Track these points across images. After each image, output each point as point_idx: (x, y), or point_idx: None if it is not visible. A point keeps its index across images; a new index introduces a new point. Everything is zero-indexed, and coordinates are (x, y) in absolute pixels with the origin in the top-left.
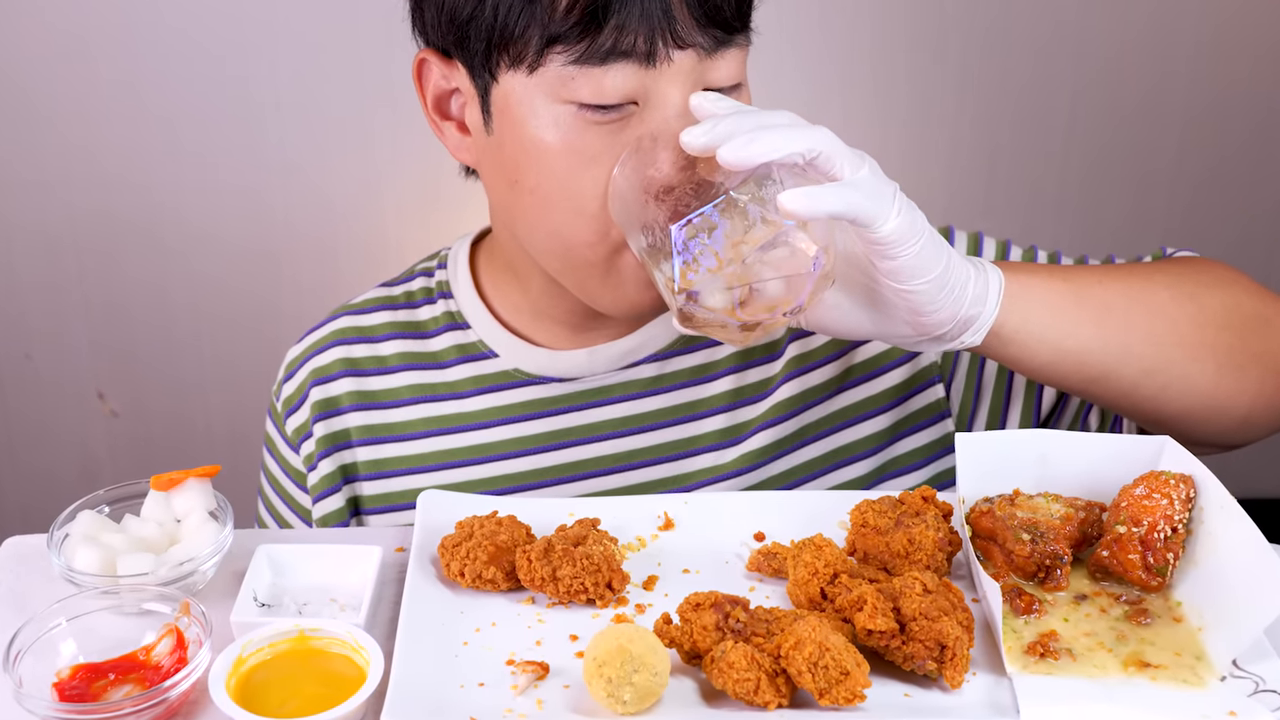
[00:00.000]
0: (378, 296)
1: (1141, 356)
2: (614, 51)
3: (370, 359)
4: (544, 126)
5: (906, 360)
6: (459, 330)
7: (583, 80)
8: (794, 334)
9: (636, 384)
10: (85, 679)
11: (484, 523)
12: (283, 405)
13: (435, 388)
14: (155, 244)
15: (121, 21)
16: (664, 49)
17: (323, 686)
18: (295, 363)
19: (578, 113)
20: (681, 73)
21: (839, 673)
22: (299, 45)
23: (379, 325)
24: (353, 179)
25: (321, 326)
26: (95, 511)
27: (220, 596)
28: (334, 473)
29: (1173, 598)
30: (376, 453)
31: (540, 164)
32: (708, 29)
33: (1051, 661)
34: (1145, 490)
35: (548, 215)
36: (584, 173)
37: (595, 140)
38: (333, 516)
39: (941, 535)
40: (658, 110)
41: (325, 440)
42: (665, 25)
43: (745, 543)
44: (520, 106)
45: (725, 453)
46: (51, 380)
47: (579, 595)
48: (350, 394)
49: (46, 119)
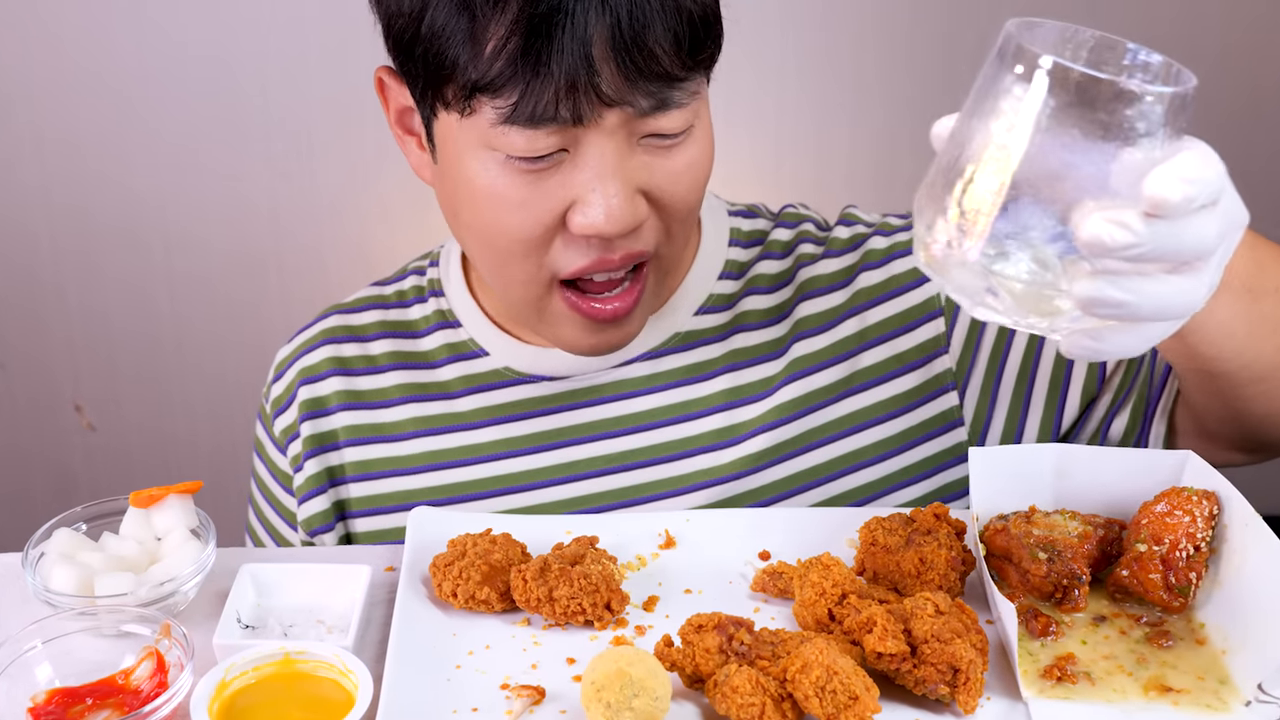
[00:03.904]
0: (368, 295)
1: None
2: (539, 118)
3: (360, 358)
4: (475, 170)
5: (919, 365)
6: (450, 329)
7: (514, 136)
8: (798, 334)
9: (629, 383)
10: (61, 704)
11: (477, 541)
12: (271, 406)
13: (425, 387)
14: (136, 246)
15: (102, 17)
16: (589, 109)
17: (309, 711)
18: (284, 363)
19: (506, 161)
20: (611, 125)
21: (848, 697)
22: (286, 45)
23: (369, 324)
24: (339, 182)
25: (311, 326)
26: (72, 529)
27: (202, 618)
28: (320, 474)
29: (1196, 619)
30: (365, 453)
31: (472, 203)
32: (640, 84)
33: (1069, 685)
34: (1167, 507)
35: (483, 251)
36: (510, 216)
37: (523, 187)
38: (317, 519)
39: (954, 554)
40: (589, 160)
41: (312, 440)
42: (589, 84)
43: (750, 562)
44: (456, 145)
45: (723, 454)
46: (26, 391)
47: (576, 616)
48: (339, 394)
49: (21, 115)
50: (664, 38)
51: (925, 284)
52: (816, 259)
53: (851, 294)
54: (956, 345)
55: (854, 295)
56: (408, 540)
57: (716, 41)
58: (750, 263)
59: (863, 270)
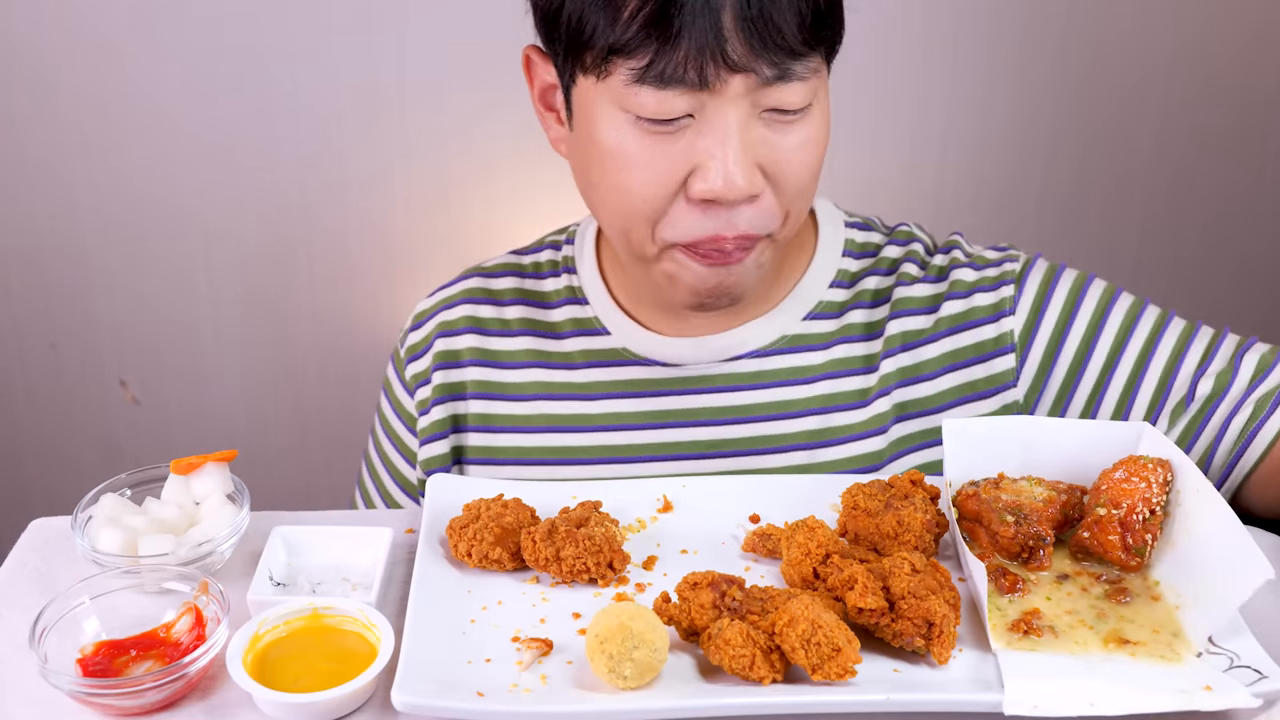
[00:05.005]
0: (508, 263)
1: None
2: (669, 79)
3: (495, 320)
4: (606, 129)
5: (989, 395)
6: (578, 305)
7: (645, 96)
8: (888, 350)
9: (737, 377)
10: (108, 655)
11: (490, 505)
12: (406, 352)
13: (550, 355)
14: (177, 235)
15: (145, 20)
16: (715, 73)
17: (335, 662)
18: (424, 314)
19: (636, 122)
20: (738, 94)
21: (831, 649)
22: (315, 42)
23: (506, 290)
24: (365, 174)
25: (453, 284)
26: (118, 495)
27: (237, 576)
28: (444, 420)
29: (1151, 577)
30: (487, 408)
31: (601, 164)
32: (764, 54)
33: (1034, 638)
34: (1124, 474)
35: (608, 211)
36: (635, 176)
37: (649, 148)
38: (436, 460)
39: (929, 517)
40: (713, 126)
41: (442, 389)
42: (718, 50)
43: (741, 524)
44: (591, 108)
45: (814, 453)
46: (75, 368)
47: (581, 575)
48: (472, 350)
49: (68, 113)
50: (788, 11)
51: (1002, 319)
52: (914, 281)
53: (935, 320)
54: (1025, 380)
55: (937, 321)
56: (426, 504)
57: (836, 25)
58: (860, 274)
59: (948, 299)
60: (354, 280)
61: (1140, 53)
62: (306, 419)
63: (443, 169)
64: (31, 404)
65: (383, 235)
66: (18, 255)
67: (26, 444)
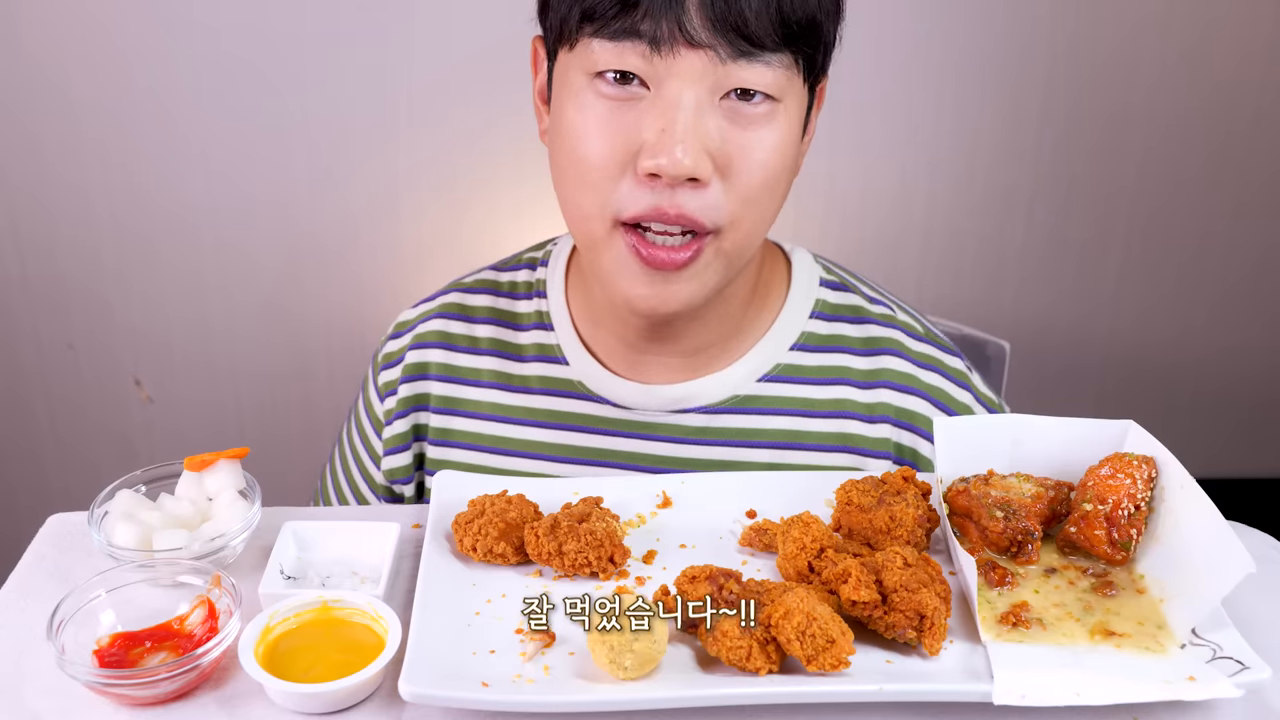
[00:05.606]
0: (486, 279)
1: None
2: (625, 32)
3: (464, 337)
4: (570, 101)
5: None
6: (544, 330)
7: (602, 51)
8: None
9: (684, 430)
10: (123, 646)
11: (494, 501)
12: (382, 358)
13: (511, 378)
14: (190, 243)
15: (160, 41)
16: (670, 39)
17: (344, 654)
18: (405, 325)
19: (592, 82)
20: (693, 71)
21: (825, 641)
22: (323, 61)
23: (480, 308)
24: (372, 186)
25: (434, 298)
26: (133, 491)
27: (249, 570)
28: (406, 432)
29: (1136, 571)
30: (446, 423)
31: (565, 138)
32: (723, 34)
33: (1023, 630)
34: (1110, 470)
35: (568, 188)
36: (590, 145)
37: (604, 115)
38: (399, 471)
39: (921, 513)
40: (666, 101)
41: (406, 401)
42: (675, 16)
43: (738, 520)
44: (563, 82)
45: None
46: (92, 369)
47: (583, 568)
48: (439, 365)
49: (88, 130)
50: (754, 1)
51: None
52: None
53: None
54: None
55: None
56: (432, 500)
57: (813, 33)
58: (826, 342)
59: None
60: (362, 283)
61: (1129, 71)
62: (316, 418)
63: (447, 176)
64: (49, 403)
65: (389, 239)
66: (39, 261)
67: (45, 441)
